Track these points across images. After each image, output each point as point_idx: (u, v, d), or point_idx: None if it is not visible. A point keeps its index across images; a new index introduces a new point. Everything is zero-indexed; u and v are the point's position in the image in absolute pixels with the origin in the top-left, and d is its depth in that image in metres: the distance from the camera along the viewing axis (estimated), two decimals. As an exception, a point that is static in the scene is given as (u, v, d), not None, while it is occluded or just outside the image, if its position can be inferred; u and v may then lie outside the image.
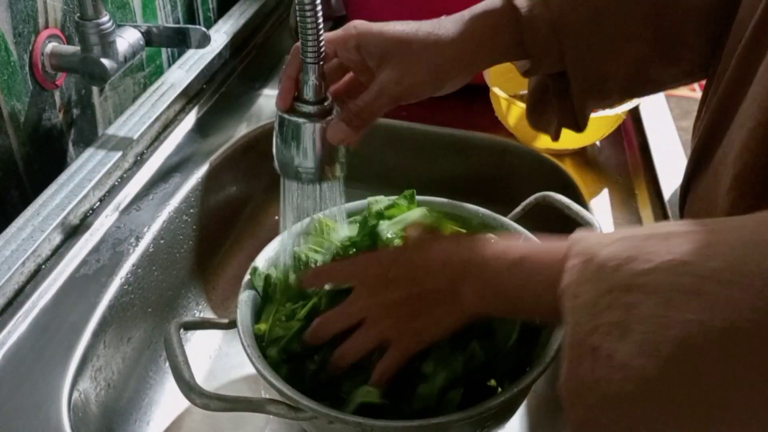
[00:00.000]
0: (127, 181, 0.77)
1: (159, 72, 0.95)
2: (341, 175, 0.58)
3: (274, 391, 0.52)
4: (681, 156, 0.83)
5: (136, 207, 0.74)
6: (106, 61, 0.71)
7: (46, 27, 0.73)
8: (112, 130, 0.81)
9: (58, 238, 0.68)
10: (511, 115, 0.84)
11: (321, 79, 0.54)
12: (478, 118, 0.91)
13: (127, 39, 0.75)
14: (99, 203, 0.74)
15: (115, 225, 0.72)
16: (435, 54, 0.54)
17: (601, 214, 0.77)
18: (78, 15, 0.70)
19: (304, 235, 0.63)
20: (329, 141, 0.55)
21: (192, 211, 0.79)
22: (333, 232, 0.62)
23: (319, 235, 0.62)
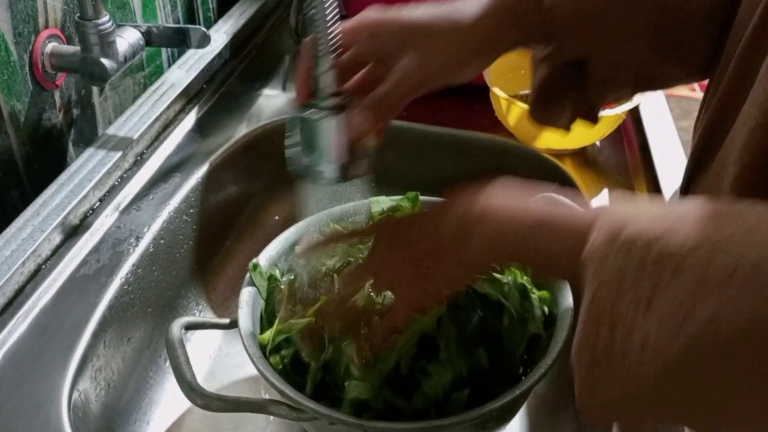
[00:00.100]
0: (127, 181, 0.77)
1: (159, 72, 0.95)
2: (365, 174, 0.55)
3: (275, 392, 0.52)
4: (681, 156, 0.83)
5: (136, 207, 0.74)
6: (106, 61, 0.71)
7: (46, 27, 0.73)
8: (112, 130, 0.81)
9: (58, 238, 0.68)
10: (511, 115, 0.84)
11: (336, 72, 0.51)
12: (478, 118, 0.91)
13: (127, 39, 0.75)
14: (99, 203, 0.74)
15: (115, 225, 0.72)
16: (455, 39, 0.52)
17: (602, 214, 0.77)
18: (78, 15, 0.70)
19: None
20: (352, 132, 0.52)
21: (192, 211, 0.78)
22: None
23: None
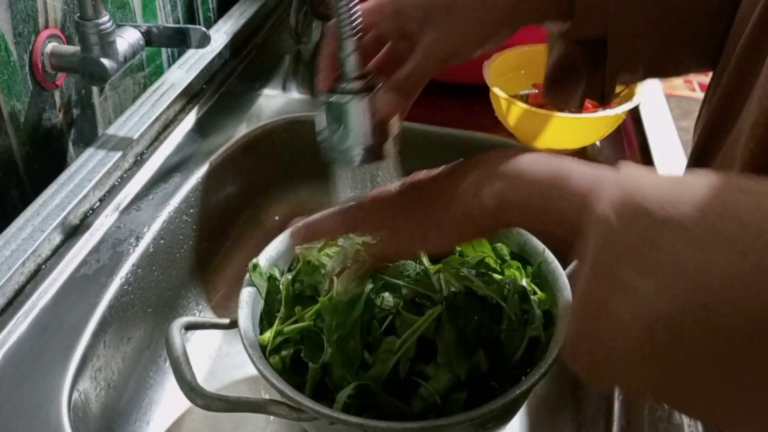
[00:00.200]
0: (127, 181, 0.77)
1: (159, 72, 0.95)
2: (395, 151, 0.55)
3: (275, 392, 0.52)
4: (681, 156, 0.83)
5: (136, 207, 0.74)
6: (106, 61, 0.71)
7: (46, 27, 0.73)
8: (112, 130, 0.81)
9: (58, 238, 0.68)
10: (511, 115, 0.84)
11: (361, 53, 0.51)
12: (478, 118, 0.91)
13: (127, 39, 0.75)
14: (99, 203, 0.74)
15: (115, 225, 0.72)
16: (479, 12, 0.53)
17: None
18: (78, 15, 0.70)
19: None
20: (379, 113, 0.52)
21: (192, 211, 0.78)
22: (346, 238, 0.61)
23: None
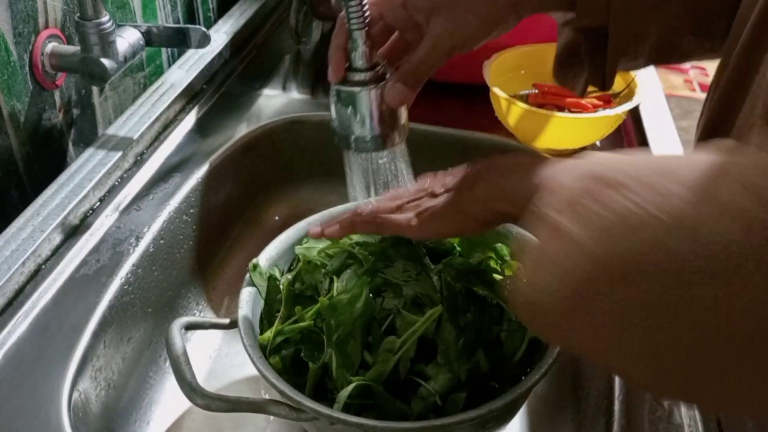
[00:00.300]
0: (127, 181, 0.77)
1: (159, 72, 0.95)
2: (404, 140, 0.58)
3: (275, 392, 0.52)
4: (681, 156, 0.83)
5: (136, 207, 0.74)
6: (106, 61, 0.71)
7: (46, 27, 0.73)
8: (112, 130, 0.81)
9: (58, 238, 0.68)
10: (511, 115, 0.84)
11: (370, 44, 0.53)
12: (478, 118, 0.91)
13: (127, 39, 0.75)
14: (99, 203, 0.74)
15: (115, 225, 0.72)
16: (485, 2, 0.54)
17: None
18: (78, 15, 0.70)
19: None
20: (388, 104, 0.54)
21: (192, 211, 0.78)
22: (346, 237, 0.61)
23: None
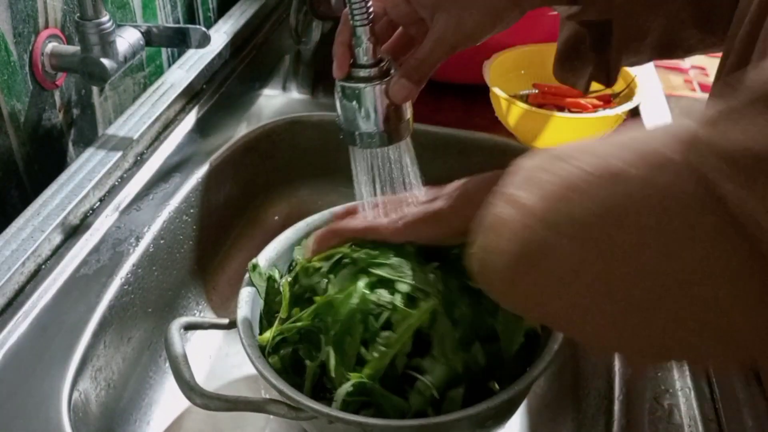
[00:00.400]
0: (127, 181, 0.77)
1: (159, 72, 0.95)
2: (408, 135, 0.58)
3: (275, 391, 0.52)
4: (681, 156, 0.83)
5: (136, 207, 0.74)
6: (106, 61, 0.71)
7: (46, 27, 0.73)
8: (112, 130, 0.81)
9: (58, 238, 0.68)
10: (511, 115, 0.84)
11: (374, 40, 0.53)
12: (478, 118, 0.91)
13: (127, 39, 0.75)
14: (99, 203, 0.74)
15: (115, 225, 0.72)
16: None
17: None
18: (78, 15, 0.70)
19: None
20: (392, 100, 0.54)
21: (192, 211, 0.79)
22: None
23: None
